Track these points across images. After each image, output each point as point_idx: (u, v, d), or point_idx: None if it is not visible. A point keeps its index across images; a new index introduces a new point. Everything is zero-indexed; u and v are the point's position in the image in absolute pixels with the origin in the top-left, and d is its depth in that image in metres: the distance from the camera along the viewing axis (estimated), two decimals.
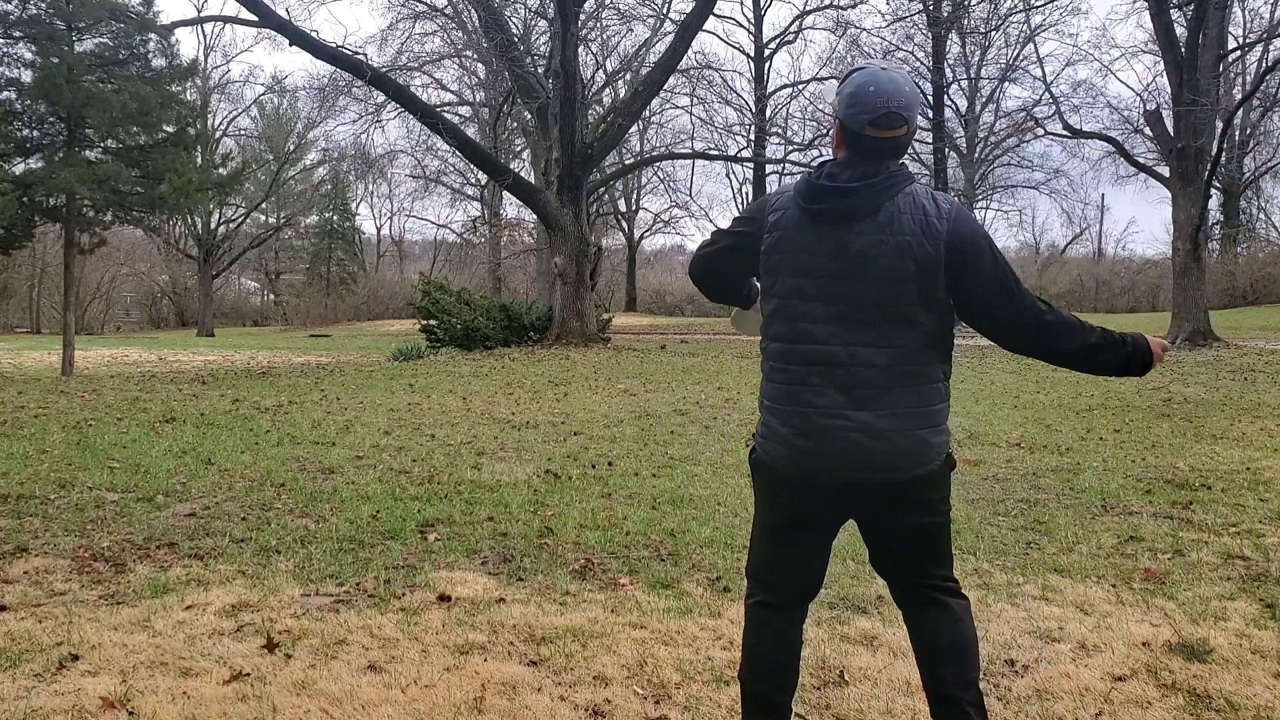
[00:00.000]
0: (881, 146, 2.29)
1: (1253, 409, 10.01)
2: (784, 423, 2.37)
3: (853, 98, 2.29)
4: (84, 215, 17.42)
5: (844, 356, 2.31)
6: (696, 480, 6.33)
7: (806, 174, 2.41)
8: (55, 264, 37.57)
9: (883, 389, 2.31)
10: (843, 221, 2.30)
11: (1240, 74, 30.25)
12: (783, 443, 2.38)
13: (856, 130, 2.29)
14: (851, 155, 2.33)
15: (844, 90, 2.32)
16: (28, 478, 6.15)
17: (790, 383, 2.37)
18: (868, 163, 2.30)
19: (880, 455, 2.31)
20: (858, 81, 2.31)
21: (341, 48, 21.01)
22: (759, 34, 37.38)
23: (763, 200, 2.45)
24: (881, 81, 2.28)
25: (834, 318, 2.31)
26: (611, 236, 52.27)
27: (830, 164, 2.36)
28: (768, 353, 2.44)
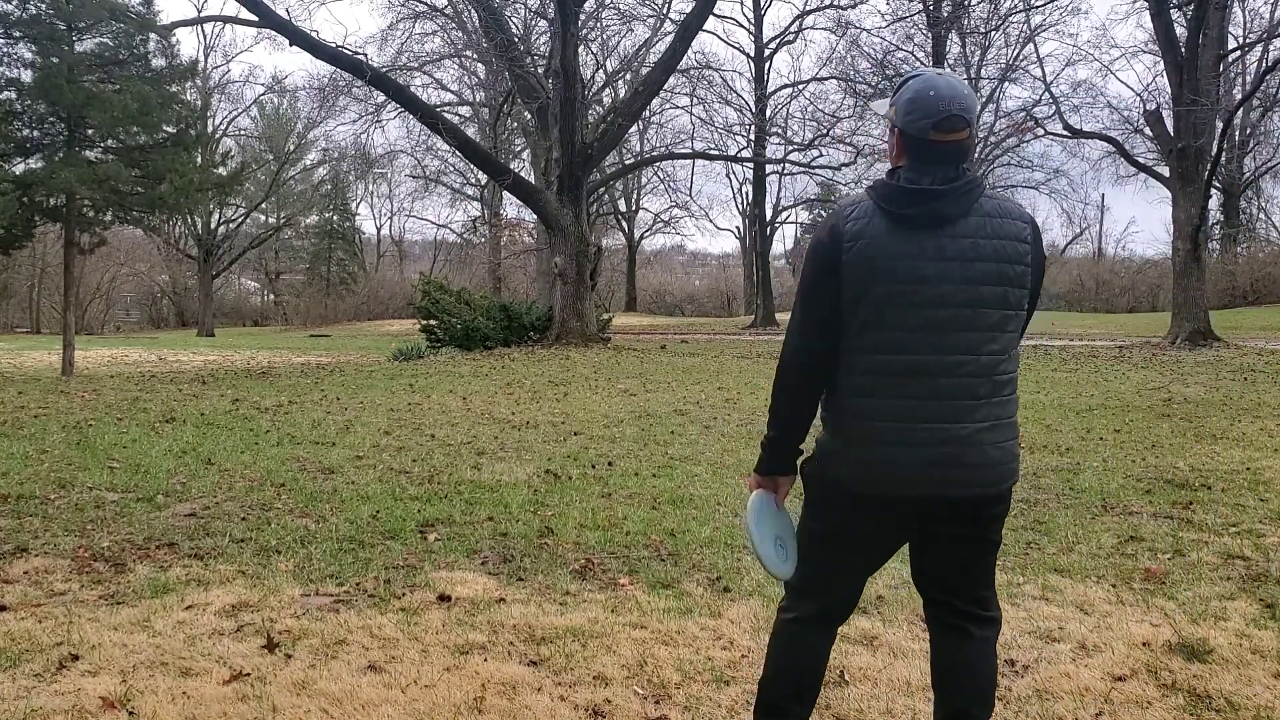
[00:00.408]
0: (947, 150, 2.25)
1: (1253, 409, 10.01)
2: (874, 438, 2.26)
3: (912, 104, 2.25)
4: (84, 215, 17.41)
5: (940, 366, 2.23)
6: (696, 480, 6.33)
7: (877, 182, 2.31)
8: (55, 264, 37.58)
9: (980, 400, 2.26)
10: (937, 225, 2.24)
11: (1240, 74, 30.25)
12: (867, 459, 2.27)
13: (919, 136, 2.24)
14: (917, 161, 2.27)
15: (901, 98, 2.28)
16: (28, 478, 6.15)
17: (883, 396, 2.25)
18: (941, 167, 2.25)
19: (979, 469, 2.26)
20: (915, 88, 2.27)
21: (341, 48, 21.02)
22: (759, 34, 37.38)
23: (833, 218, 2.30)
24: (940, 85, 2.25)
25: (929, 325, 2.22)
26: (611, 236, 52.32)
27: (902, 171, 2.28)
28: (850, 367, 2.28)
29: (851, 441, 2.29)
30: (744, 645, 3.45)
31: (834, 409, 2.33)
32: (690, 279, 63.13)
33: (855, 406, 2.28)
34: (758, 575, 4.24)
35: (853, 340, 2.27)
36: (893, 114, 2.31)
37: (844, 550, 2.40)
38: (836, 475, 2.32)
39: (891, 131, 2.33)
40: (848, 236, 2.24)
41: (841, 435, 2.32)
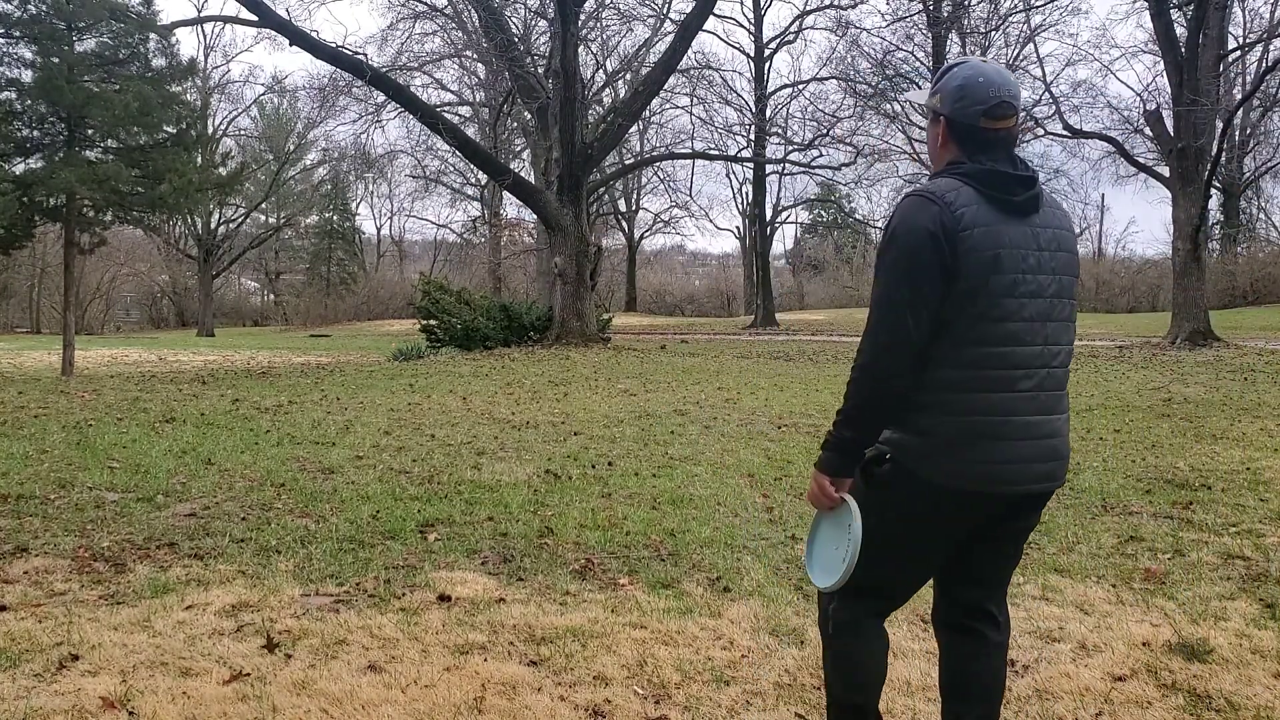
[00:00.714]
0: (998, 138, 2.23)
1: (1253, 409, 10.01)
2: (978, 433, 2.17)
3: (961, 90, 2.22)
4: (84, 215, 17.42)
5: (1041, 357, 2.22)
6: (696, 480, 6.33)
7: (970, 168, 2.22)
8: (55, 264, 37.59)
9: (1064, 392, 2.29)
10: (1031, 212, 2.23)
11: (1240, 74, 30.25)
12: (970, 456, 2.17)
13: (969, 123, 2.22)
14: (967, 150, 2.24)
15: (947, 85, 2.25)
16: (28, 478, 6.15)
17: (989, 390, 2.17)
18: (1001, 155, 2.23)
19: (1064, 462, 2.28)
20: (963, 75, 2.24)
21: (341, 48, 21.02)
22: (759, 34, 37.39)
23: (934, 205, 2.16)
24: (988, 72, 2.23)
25: (1033, 316, 2.20)
26: (611, 236, 52.32)
27: (972, 161, 2.22)
28: (950, 360, 2.17)
29: (949, 438, 2.17)
30: (744, 645, 3.45)
31: (923, 406, 2.19)
32: (690, 279, 63.12)
33: (953, 402, 2.17)
34: (758, 575, 4.24)
35: (958, 333, 2.16)
36: (937, 102, 2.27)
37: (925, 550, 2.32)
38: (928, 474, 2.19)
39: (935, 121, 2.29)
40: (963, 224, 2.14)
41: (934, 432, 2.19)
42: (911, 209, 2.17)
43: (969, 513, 2.25)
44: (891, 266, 2.17)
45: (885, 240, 2.22)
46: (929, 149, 2.37)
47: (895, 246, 2.17)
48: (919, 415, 2.20)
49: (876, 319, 2.17)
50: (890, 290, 2.16)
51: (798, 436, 8.25)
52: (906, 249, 2.15)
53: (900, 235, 2.16)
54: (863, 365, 2.19)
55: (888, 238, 2.20)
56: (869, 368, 2.18)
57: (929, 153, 2.38)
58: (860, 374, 2.20)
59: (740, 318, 43.54)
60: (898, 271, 2.16)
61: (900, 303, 2.14)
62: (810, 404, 10.67)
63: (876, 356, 2.17)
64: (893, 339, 2.15)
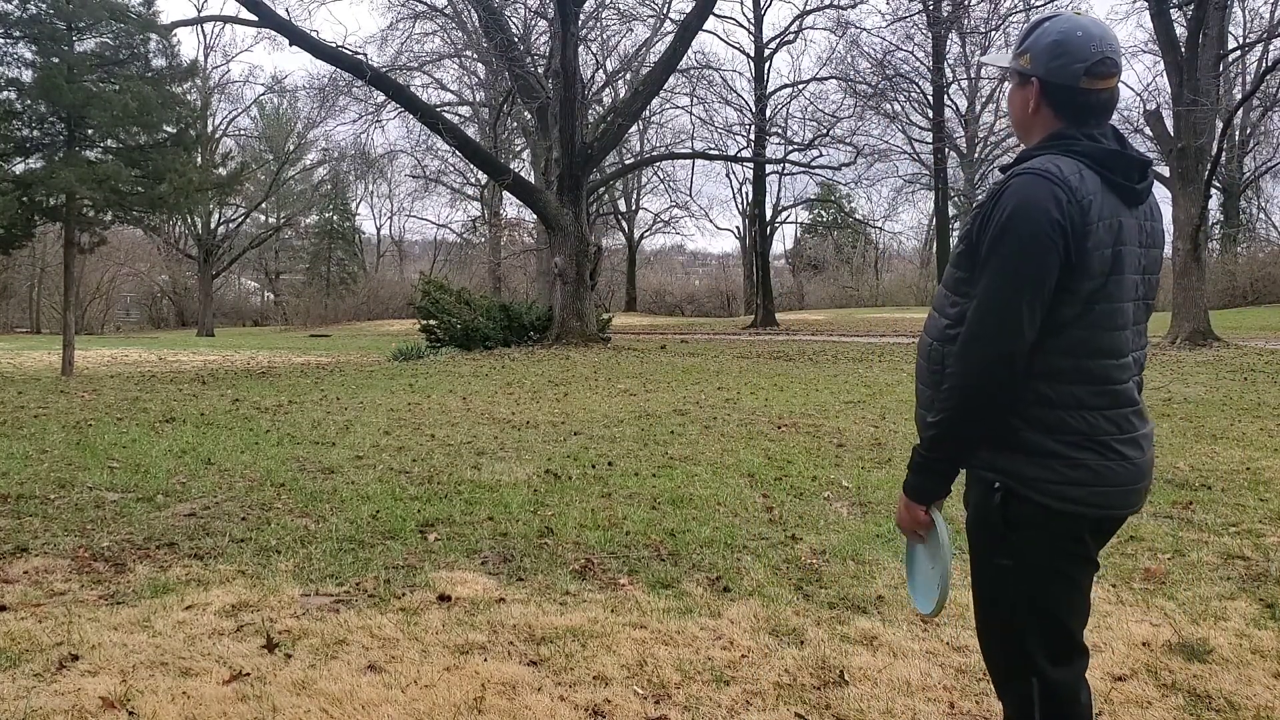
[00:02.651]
0: (1101, 101, 1.96)
1: (1253, 409, 10.01)
2: (1107, 453, 1.92)
3: (1059, 46, 1.94)
4: (84, 215, 17.41)
5: (1136, 364, 2.01)
6: (696, 480, 6.33)
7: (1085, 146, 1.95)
8: (55, 264, 37.59)
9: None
10: (1142, 202, 1.98)
11: (1240, 74, 30.29)
12: (1098, 478, 1.91)
13: (1069, 84, 1.94)
14: (1067, 118, 1.97)
15: (1039, 42, 1.97)
16: (28, 478, 6.15)
17: (1114, 406, 1.94)
18: (1105, 123, 1.97)
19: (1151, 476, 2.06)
20: (1059, 29, 1.95)
21: (341, 48, 21.03)
22: (759, 34, 37.39)
23: (1056, 188, 1.86)
24: (1086, 25, 1.94)
25: (1131, 319, 1.97)
26: (611, 236, 52.37)
27: (1084, 135, 1.96)
28: (1064, 373, 1.91)
29: (1076, 463, 1.91)
30: (744, 645, 3.45)
31: (1048, 423, 1.92)
32: (690, 279, 63.15)
33: (1077, 421, 1.92)
34: (758, 575, 4.24)
35: (1073, 340, 1.90)
36: (1027, 62, 2.00)
37: (1083, 584, 2.02)
38: (1056, 508, 1.91)
39: (1023, 85, 2.02)
40: (1090, 215, 1.86)
41: (1065, 453, 1.91)
42: (1031, 191, 1.86)
43: (1101, 534, 2.03)
44: (1007, 261, 1.85)
45: (997, 230, 1.88)
46: (1014, 118, 2.09)
47: (1013, 237, 1.85)
48: (1041, 438, 1.92)
49: (988, 323, 1.86)
50: (1005, 290, 1.85)
51: (798, 436, 8.25)
52: (1028, 239, 1.84)
53: (1019, 224, 1.85)
54: (965, 375, 1.89)
55: (1000, 226, 1.87)
56: (975, 379, 1.88)
57: (1014, 123, 2.10)
58: (962, 386, 1.89)
59: (740, 318, 43.55)
60: (1015, 267, 1.85)
61: (1017, 306, 1.84)
62: (810, 404, 10.67)
63: (987, 368, 1.87)
64: (1006, 349, 1.85)
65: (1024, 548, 1.95)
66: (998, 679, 2.08)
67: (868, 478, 6.40)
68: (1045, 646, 1.98)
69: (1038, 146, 2.00)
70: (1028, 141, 2.07)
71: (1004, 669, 2.04)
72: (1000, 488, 1.94)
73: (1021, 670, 1.99)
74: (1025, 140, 2.08)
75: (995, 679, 2.10)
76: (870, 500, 5.74)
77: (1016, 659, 2.00)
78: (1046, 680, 1.98)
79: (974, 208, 2.01)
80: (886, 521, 5.19)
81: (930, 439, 1.98)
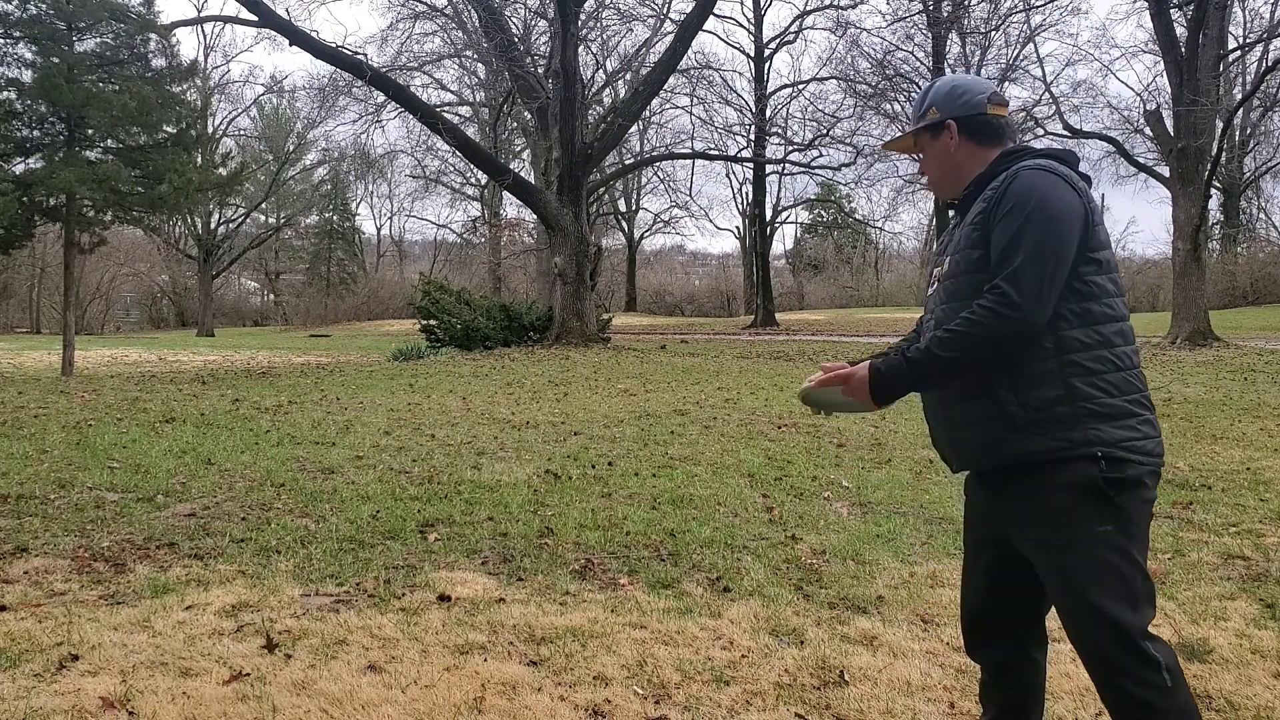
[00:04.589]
0: (1006, 125, 2.33)
1: (1253, 409, 10.01)
2: (1152, 407, 2.14)
3: (957, 88, 2.35)
4: (84, 215, 17.42)
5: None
6: (696, 480, 6.33)
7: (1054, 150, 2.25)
8: (55, 264, 37.58)
9: None
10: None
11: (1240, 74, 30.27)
12: (1155, 429, 2.13)
13: (978, 113, 2.31)
14: (989, 144, 2.32)
15: (940, 92, 2.34)
16: (28, 478, 6.15)
17: (1137, 365, 2.15)
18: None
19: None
20: (951, 80, 2.38)
21: (341, 48, 21.04)
22: (759, 34, 37.41)
23: (1064, 178, 2.13)
24: (969, 75, 2.42)
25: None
26: (611, 236, 52.39)
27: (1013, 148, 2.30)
28: (1119, 335, 2.12)
29: (1145, 422, 2.11)
30: (744, 645, 3.44)
31: (1119, 385, 2.08)
32: (690, 279, 63.16)
33: (1123, 382, 2.09)
34: (757, 575, 4.24)
35: (1113, 303, 2.12)
36: (934, 114, 2.34)
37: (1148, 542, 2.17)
38: (1151, 450, 2.10)
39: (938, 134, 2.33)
40: (1091, 194, 2.16)
41: (1135, 410, 2.09)
42: (1044, 180, 2.10)
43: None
44: (1035, 244, 2.04)
45: (1019, 217, 2.07)
46: (939, 171, 2.35)
47: (1039, 221, 2.05)
48: (1117, 400, 2.07)
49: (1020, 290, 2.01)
50: (1034, 270, 2.02)
51: (798, 436, 8.25)
52: (1054, 221, 2.05)
53: (1043, 208, 2.06)
54: (983, 339, 2.03)
55: (1023, 213, 2.06)
56: (990, 346, 2.04)
57: (940, 175, 2.35)
58: (975, 343, 2.04)
59: (740, 318, 43.55)
60: (1042, 249, 2.03)
61: (1044, 284, 2.02)
62: None
63: (1007, 339, 2.03)
64: (1029, 324, 2.02)
65: (1125, 507, 2.05)
66: (1110, 663, 2.06)
67: (868, 478, 6.40)
68: (1149, 604, 2.07)
69: (997, 164, 2.24)
70: (959, 184, 2.31)
71: (1116, 645, 2.04)
72: (1103, 455, 2.04)
73: (1138, 637, 2.03)
74: (957, 184, 2.32)
75: (1105, 665, 2.07)
76: (870, 500, 5.74)
77: (1131, 627, 2.03)
78: (1160, 639, 2.07)
79: (975, 215, 2.18)
80: (887, 522, 5.19)
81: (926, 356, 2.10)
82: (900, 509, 5.52)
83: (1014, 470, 2.13)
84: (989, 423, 2.12)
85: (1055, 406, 2.06)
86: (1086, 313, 2.08)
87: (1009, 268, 2.03)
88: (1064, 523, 2.07)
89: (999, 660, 2.37)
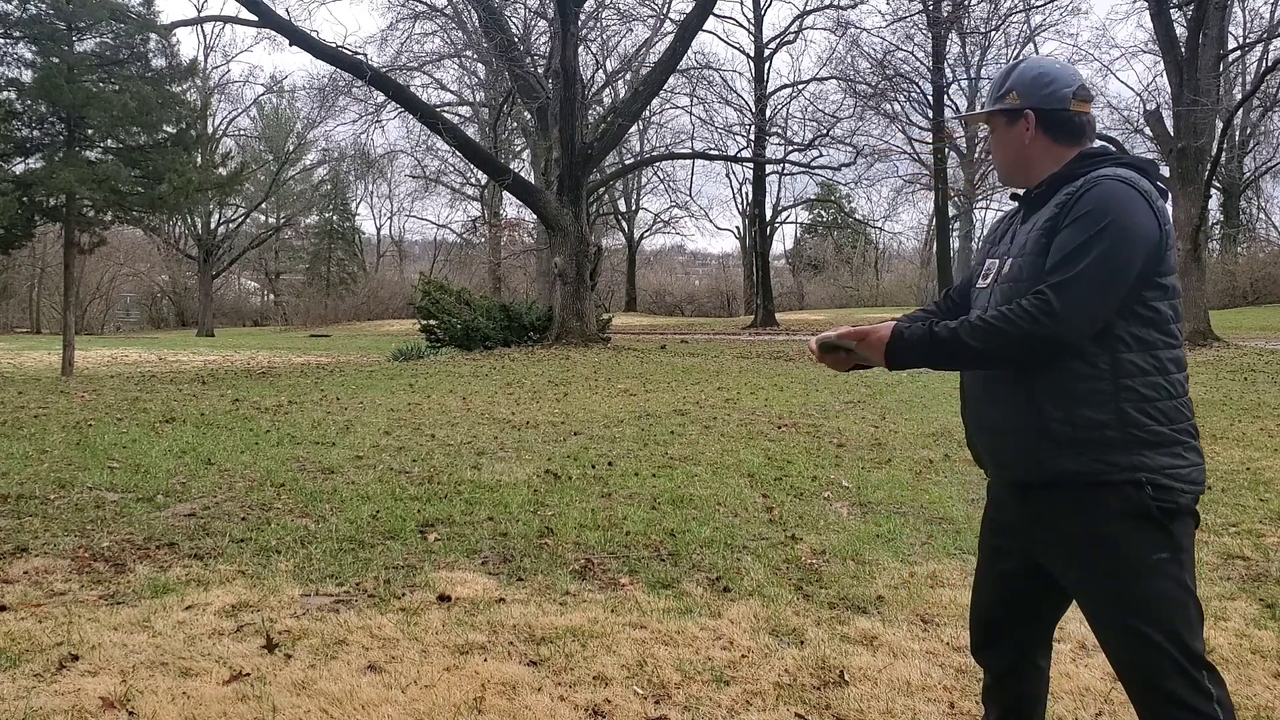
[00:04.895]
0: (1088, 123, 2.21)
1: (1253, 409, 10.01)
2: (1197, 436, 2.09)
3: (1044, 76, 2.19)
4: (84, 215, 17.42)
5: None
6: (696, 480, 6.33)
7: (1135, 158, 2.19)
8: (55, 264, 37.58)
9: None
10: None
11: (1240, 74, 30.28)
12: (1202, 458, 2.09)
13: (1060, 108, 2.18)
14: (1066, 141, 2.19)
15: (1024, 78, 2.19)
16: (28, 478, 6.15)
17: (1187, 393, 2.09)
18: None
19: None
20: (1039, 64, 2.24)
21: (341, 48, 21.03)
22: (759, 34, 37.40)
23: (1143, 196, 2.02)
24: (1059, 61, 2.23)
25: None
26: (611, 236, 52.39)
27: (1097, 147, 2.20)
28: (1174, 362, 2.07)
29: (1194, 442, 2.07)
30: (744, 645, 3.45)
31: (1168, 414, 2.03)
32: (690, 279, 63.14)
33: (1183, 408, 2.06)
34: (757, 575, 4.24)
35: (1172, 330, 2.06)
36: (1014, 99, 2.20)
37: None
38: (1195, 479, 2.05)
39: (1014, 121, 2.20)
40: (1168, 217, 2.05)
41: (1182, 439, 2.05)
42: (1124, 199, 2.00)
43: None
44: (1098, 264, 1.95)
45: (1091, 233, 1.98)
46: (1009, 160, 2.23)
47: (1109, 243, 1.96)
48: (1165, 428, 2.02)
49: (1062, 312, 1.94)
50: (1091, 289, 1.95)
51: (798, 436, 8.25)
52: (1122, 246, 1.97)
53: (1115, 230, 1.97)
54: (1018, 338, 1.96)
55: (1096, 230, 1.97)
56: (1023, 347, 1.97)
57: (1010, 164, 2.23)
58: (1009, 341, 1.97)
59: (740, 318, 43.55)
60: (1104, 272, 1.96)
61: (1095, 307, 1.96)
62: (810, 404, 10.67)
63: (1040, 344, 1.96)
64: (1069, 338, 1.96)
65: (1178, 534, 2.02)
66: (1162, 693, 2.01)
67: (868, 478, 6.40)
68: (1199, 634, 2.03)
69: (1076, 165, 2.11)
70: (1027, 178, 2.20)
71: (1172, 674, 2.00)
72: (1148, 482, 2.00)
73: (1191, 666, 1.99)
74: (1026, 177, 2.20)
75: (1155, 694, 2.02)
76: (870, 500, 5.74)
77: (1185, 656, 1.99)
78: (1214, 669, 2.03)
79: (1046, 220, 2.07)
80: (887, 522, 5.19)
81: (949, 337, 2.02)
82: (900, 509, 5.52)
83: (1051, 486, 2.08)
84: (1031, 436, 2.06)
85: (1104, 430, 2.00)
86: (1147, 338, 2.02)
87: (1061, 276, 1.97)
88: (1116, 550, 2.02)
89: (1004, 665, 2.35)
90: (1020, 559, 2.23)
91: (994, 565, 2.33)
